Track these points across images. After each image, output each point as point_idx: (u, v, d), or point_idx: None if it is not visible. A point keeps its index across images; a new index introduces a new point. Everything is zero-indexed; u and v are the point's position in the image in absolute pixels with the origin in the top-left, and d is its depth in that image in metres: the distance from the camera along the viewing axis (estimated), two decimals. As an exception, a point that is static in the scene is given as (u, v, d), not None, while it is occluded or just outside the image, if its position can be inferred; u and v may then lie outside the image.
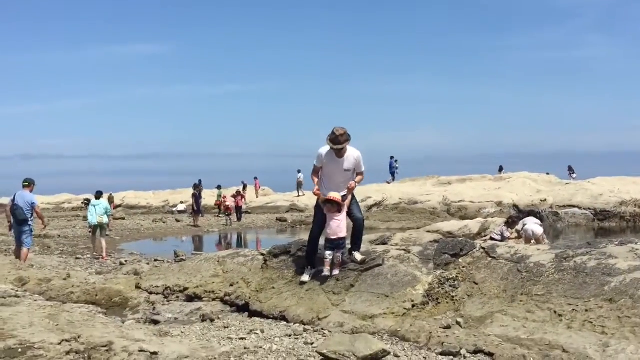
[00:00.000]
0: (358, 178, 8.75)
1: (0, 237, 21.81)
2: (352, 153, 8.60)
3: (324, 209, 8.52)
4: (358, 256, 8.51)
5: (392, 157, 44.69)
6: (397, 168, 44.36)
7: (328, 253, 8.32)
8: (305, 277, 8.52)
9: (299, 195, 43.51)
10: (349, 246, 8.67)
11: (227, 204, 34.18)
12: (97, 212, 17.10)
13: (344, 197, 8.53)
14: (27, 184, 13.77)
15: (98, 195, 18.08)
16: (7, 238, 22.08)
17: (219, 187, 38.72)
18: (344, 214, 8.48)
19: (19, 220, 13.39)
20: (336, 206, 8.42)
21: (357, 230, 8.72)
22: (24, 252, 13.32)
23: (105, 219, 17.30)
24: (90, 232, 17.23)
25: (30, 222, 13.58)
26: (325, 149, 8.55)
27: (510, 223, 14.05)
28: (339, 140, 8.32)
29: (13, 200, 13.59)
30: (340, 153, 8.45)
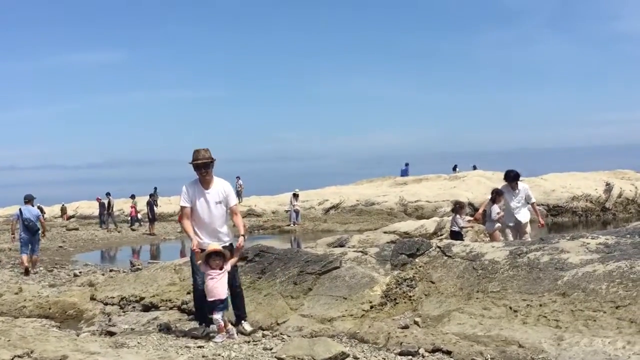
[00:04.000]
0: (239, 221, 7.47)
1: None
2: (220, 182, 7.52)
3: (204, 268, 7.10)
4: (247, 326, 7.42)
5: (407, 164, 44.54)
6: (407, 173, 43.91)
7: (215, 317, 7.08)
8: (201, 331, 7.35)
9: (239, 202, 43.01)
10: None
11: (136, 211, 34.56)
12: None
13: (231, 252, 7.32)
14: (28, 200, 15.64)
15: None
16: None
17: (132, 197, 38.63)
18: (227, 267, 7.13)
19: (33, 231, 15.35)
20: (220, 259, 7.08)
21: (238, 297, 7.60)
22: (35, 258, 15.52)
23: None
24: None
25: (39, 232, 15.61)
26: (188, 183, 7.45)
27: (458, 209, 14.04)
28: (203, 155, 7.31)
29: (21, 215, 15.34)
30: (205, 180, 7.36)
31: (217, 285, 7.00)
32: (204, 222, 7.36)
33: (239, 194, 43.29)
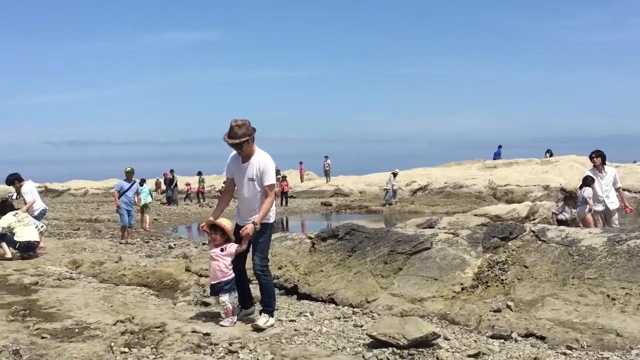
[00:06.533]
0: (265, 205, 6.38)
1: (53, 221, 22.33)
2: (258, 157, 6.46)
3: (210, 246, 6.68)
4: (262, 321, 6.40)
5: (500, 146, 43.80)
6: (499, 156, 42.95)
7: (222, 299, 6.54)
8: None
9: (327, 181, 43.51)
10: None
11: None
12: (143, 196, 19.68)
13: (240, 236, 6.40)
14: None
15: (142, 182, 21.34)
16: (59, 222, 22.67)
17: (199, 174, 39.40)
18: (229, 250, 6.46)
19: None
20: (222, 237, 6.50)
21: (260, 284, 6.66)
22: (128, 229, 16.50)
23: (149, 199, 21.03)
24: (137, 211, 19.42)
25: (120, 205, 16.23)
26: (232, 155, 6.62)
27: (568, 198, 13.58)
28: (235, 133, 6.26)
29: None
30: (242, 154, 6.42)
31: (220, 267, 6.45)
32: (241, 198, 6.62)
33: (326, 174, 43.65)
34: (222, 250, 6.43)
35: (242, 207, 6.62)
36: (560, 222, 12.83)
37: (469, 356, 5.51)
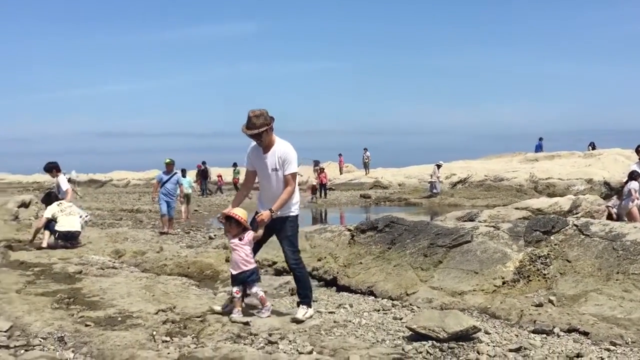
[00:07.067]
0: (284, 194, 6.30)
1: (96, 211, 22.70)
2: (278, 146, 6.40)
3: (228, 236, 6.58)
4: (300, 313, 6.34)
5: (540, 139, 43.12)
6: (541, 149, 42.28)
7: (235, 289, 6.39)
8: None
9: (366, 174, 43.43)
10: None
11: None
12: (185, 186, 19.77)
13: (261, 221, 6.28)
14: None
15: (183, 173, 21.70)
16: (102, 212, 23.06)
17: (234, 165, 39.32)
18: (247, 239, 6.36)
19: None
20: (238, 227, 6.39)
21: (295, 277, 6.65)
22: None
23: (189, 190, 21.63)
24: (180, 201, 19.72)
25: (158, 196, 16.39)
26: (252, 145, 6.52)
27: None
28: (253, 124, 6.18)
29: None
30: (262, 144, 6.35)
31: (241, 256, 6.35)
32: (263, 189, 6.57)
33: (366, 166, 43.57)
34: (240, 239, 6.37)
35: (265, 197, 6.52)
36: (618, 217, 12.68)
37: (510, 350, 5.46)
